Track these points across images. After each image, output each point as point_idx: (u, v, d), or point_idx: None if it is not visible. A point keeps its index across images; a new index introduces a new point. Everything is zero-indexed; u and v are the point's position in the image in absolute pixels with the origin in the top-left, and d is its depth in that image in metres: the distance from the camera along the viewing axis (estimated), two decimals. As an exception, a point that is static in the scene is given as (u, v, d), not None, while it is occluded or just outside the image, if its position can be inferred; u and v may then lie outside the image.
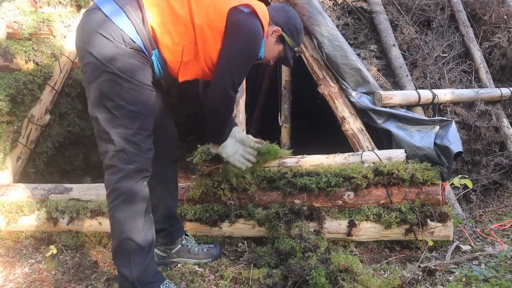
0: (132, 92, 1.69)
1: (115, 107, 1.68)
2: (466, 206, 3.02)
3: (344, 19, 3.27)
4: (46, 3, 2.88)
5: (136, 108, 1.71)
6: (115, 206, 1.72)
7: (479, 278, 1.98)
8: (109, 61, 1.65)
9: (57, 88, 2.94)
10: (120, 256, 1.75)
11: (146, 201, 1.77)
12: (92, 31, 1.67)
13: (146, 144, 1.75)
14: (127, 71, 1.68)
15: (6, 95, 2.58)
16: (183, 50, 1.82)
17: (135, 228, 1.72)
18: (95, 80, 1.68)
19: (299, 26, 2.09)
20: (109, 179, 1.73)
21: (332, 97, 2.95)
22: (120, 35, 1.67)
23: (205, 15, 1.80)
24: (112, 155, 1.71)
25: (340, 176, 2.38)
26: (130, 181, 1.71)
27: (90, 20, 1.72)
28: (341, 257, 1.96)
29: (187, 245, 2.24)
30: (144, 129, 1.74)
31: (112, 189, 1.72)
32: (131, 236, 1.71)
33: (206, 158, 2.38)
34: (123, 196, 1.71)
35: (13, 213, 2.49)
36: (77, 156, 3.29)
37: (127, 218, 1.71)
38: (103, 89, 1.68)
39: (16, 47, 2.71)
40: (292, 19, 2.06)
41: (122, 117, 1.69)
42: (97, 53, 1.65)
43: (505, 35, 3.73)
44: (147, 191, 1.78)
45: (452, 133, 2.60)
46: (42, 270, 2.26)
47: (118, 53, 1.66)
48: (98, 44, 1.66)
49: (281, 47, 2.06)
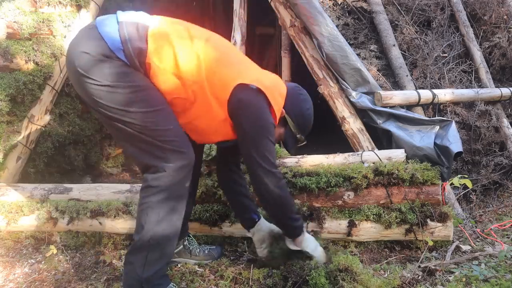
0: (137, 95, 1.62)
1: (129, 115, 1.61)
2: (466, 206, 3.03)
3: (344, 19, 3.27)
4: (46, 3, 2.88)
5: (148, 108, 1.63)
6: (150, 203, 1.65)
7: (479, 278, 1.98)
8: (99, 75, 1.58)
9: (57, 88, 2.94)
10: (138, 252, 1.69)
11: (184, 203, 1.70)
12: (78, 50, 1.61)
13: (179, 137, 1.68)
14: (120, 79, 1.60)
15: (6, 95, 2.58)
16: (171, 101, 1.71)
17: (164, 232, 1.66)
18: (95, 97, 1.61)
19: (307, 112, 1.94)
20: (148, 175, 1.66)
21: (332, 97, 2.95)
22: (105, 52, 1.59)
23: (211, 81, 1.70)
24: (149, 156, 1.65)
25: (340, 176, 2.38)
26: (172, 180, 1.64)
27: (78, 37, 1.66)
28: (341, 257, 1.96)
29: (189, 247, 2.24)
30: (169, 123, 1.67)
31: (150, 185, 1.65)
32: (158, 236, 1.66)
33: (206, 158, 2.38)
34: (161, 194, 1.64)
35: (13, 213, 2.49)
36: (77, 156, 3.29)
37: (161, 218, 1.65)
38: (107, 104, 1.61)
39: (16, 47, 2.71)
40: (301, 102, 1.93)
41: (142, 121, 1.62)
42: (85, 70, 1.59)
43: (505, 35, 3.74)
44: (187, 193, 1.72)
45: (452, 133, 2.60)
46: (42, 270, 2.26)
47: (105, 67, 1.59)
48: (83, 62, 1.59)
49: (282, 131, 1.94)
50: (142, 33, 1.64)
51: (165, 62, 1.66)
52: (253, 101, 1.74)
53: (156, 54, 1.64)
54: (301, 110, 1.93)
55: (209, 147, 2.42)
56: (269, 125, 1.77)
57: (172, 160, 1.64)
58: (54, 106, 3.00)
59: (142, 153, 1.67)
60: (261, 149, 1.74)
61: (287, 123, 1.92)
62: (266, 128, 1.76)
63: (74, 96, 3.12)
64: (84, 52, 1.59)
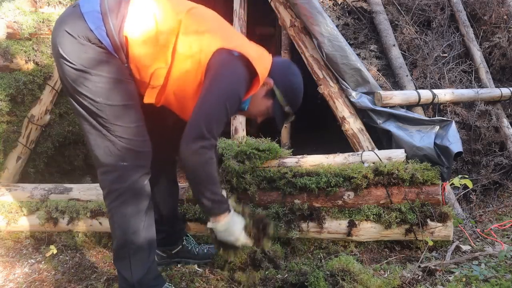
0: (105, 86, 1.59)
1: (94, 104, 1.59)
2: (466, 206, 3.02)
3: (344, 19, 3.27)
4: (46, 3, 2.88)
5: (114, 102, 1.60)
6: (114, 208, 1.66)
7: (479, 278, 1.98)
8: (75, 58, 1.56)
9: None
10: (121, 258, 1.71)
11: (147, 201, 1.69)
12: (61, 28, 1.60)
13: (139, 137, 1.65)
14: (94, 66, 1.57)
15: (6, 95, 2.58)
16: (153, 74, 1.66)
17: (135, 229, 1.66)
18: (65, 76, 1.61)
19: (297, 85, 1.83)
20: (104, 179, 1.66)
21: (332, 97, 2.95)
22: (86, 34, 1.57)
23: (190, 46, 1.64)
24: (104, 152, 1.63)
25: (340, 176, 2.37)
26: (127, 179, 1.63)
27: (63, 15, 1.66)
28: (334, 261, 1.96)
29: (187, 246, 2.23)
30: (132, 121, 1.64)
31: (110, 190, 1.65)
32: (132, 238, 1.67)
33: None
34: (122, 197, 1.64)
35: (13, 213, 2.49)
36: (77, 156, 3.29)
37: (127, 220, 1.65)
38: (74, 87, 1.59)
39: (16, 47, 2.71)
40: (291, 76, 1.83)
41: (105, 114, 1.59)
42: (63, 51, 1.58)
43: (505, 35, 3.74)
44: (149, 189, 1.70)
45: (452, 133, 2.60)
46: (42, 270, 2.26)
47: (83, 51, 1.57)
48: (63, 41, 1.58)
49: (269, 103, 1.81)
50: (124, 7, 1.61)
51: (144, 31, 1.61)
52: (230, 65, 1.64)
53: (133, 24, 1.60)
54: (290, 82, 1.82)
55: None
56: (234, 95, 1.65)
57: (127, 159, 1.62)
58: (54, 106, 3.00)
59: (100, 149, 1.63)
60: (212, 114, 1.60)
61: (275, 95, 1.80)
62: (230, 95, 1.63)
63: (74, 96, 3.12)
64: (66, 31, 1.57)
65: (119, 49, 1.61)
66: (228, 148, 2.39)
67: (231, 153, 2.37)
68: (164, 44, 1.63)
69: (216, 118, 1.61)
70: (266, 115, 1.86)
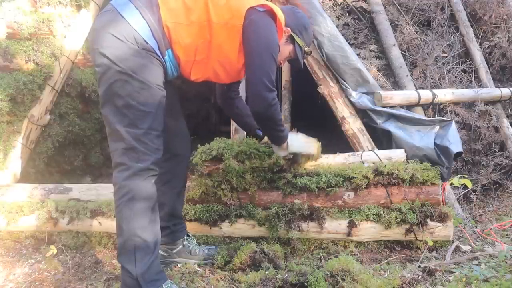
0: (143, 92, 1.74)
1: (126, 107, 1.73)
2: (466, 206, 3.03)
3: (344, 19, 3.27)
4: (46, 3, 2.88)
5: (146, 108, 1.75)
6: (123, 203, 1.75)
7: (479, 278, 1.98)
8: (122, 61, 1.70)
9: (57, 88, 2.94)
10: (126, 252, 1.76)
11: (153, 199, 1.80)
12: (105, 32, 1.72)
13: (155, 143, 1.79)
14: (138, 71, 1.72)
15: (6, 95, 2.58)
16: (197, 49, 1.86)
17: (142, 225, 1.75)
18: (107, 80, 1.73)
19: (308, 25, 2.12)
20: (117, 176, 1.77)
21: (332, 97, 2.95)
22: (133, 36, 1.71)
23: (222, 15, 1.85)
24: (122, 153, 1.75)
25: (340, 176, 2.37)
26: (138, 178, 1.75)
27: (103, 21, 1.77)
28: (334, 261, 1.96)
29: (188, 246, 2.24)
30: (153, 128, 1.78)
31: (120, 186, 1.76)
32: (138, 232, 1.74)
33: (206, 158, 2.38)
34: (131, 193, 1.74)
35: (13, 213, 2.49)
36: (77, 156, 3.29)
37: (134, 215, 1.74)
38: (114, 89, 1.72)
39: (16, 47, 2.71)
40: (301, 19, 2.10)
41: (132, 116, 1.73)
42: (110, 53, 1.70)
43: (505, 35, 3.74)
44: (155, 190, 1.81)
45: (452, 133, 2.60)
46: (42, 270, 2.26)
47: (130, 54, 1.71)
48: (110, 45, 1.71)
49: (291, 47, 2.09)
50: (155, 3, 1.78)
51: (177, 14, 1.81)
52: (262, 21, 1.88)
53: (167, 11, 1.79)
54: (303, 25, 2.09)
55: (209, 147, 2.42)
56: (275, 45, 1.92)
57: (141, 161, 1.76)
58: (54, 106, 3.00)
59: (119, 149, 1.76)
60: (265, 67, 1.86)
61: (294, 40, 2.06)
62: (273, 47, 1.89)
63: (74, 96, 3.12)
64: (112, 34, 1.70)
65: (161, 42, 1.77)
66: (228, 148, 2.39)
67: (231, 153, 2.37)
68: (198, 20, 1.82)
69: (272, 70, 1.88)
70: (289, 58, 2.14)
